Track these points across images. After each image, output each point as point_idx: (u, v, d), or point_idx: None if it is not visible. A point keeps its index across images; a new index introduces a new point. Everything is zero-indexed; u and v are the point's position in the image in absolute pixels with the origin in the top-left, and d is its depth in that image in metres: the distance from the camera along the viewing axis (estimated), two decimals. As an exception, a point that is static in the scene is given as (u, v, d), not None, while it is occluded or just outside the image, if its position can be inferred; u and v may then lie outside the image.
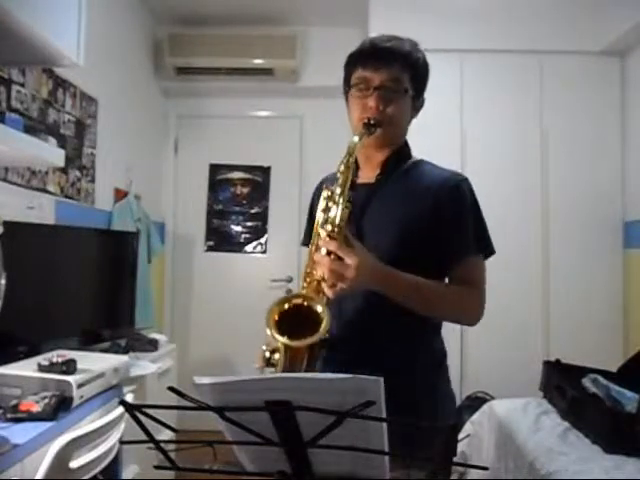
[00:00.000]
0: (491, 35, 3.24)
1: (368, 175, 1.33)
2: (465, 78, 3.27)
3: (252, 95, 4.09)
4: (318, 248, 1.15)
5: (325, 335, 1.06)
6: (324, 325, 1.06)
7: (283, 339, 1.07)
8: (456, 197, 1.26)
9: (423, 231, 1.24)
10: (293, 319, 1.10)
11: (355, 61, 1.31)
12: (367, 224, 1.27)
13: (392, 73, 1.26)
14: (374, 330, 1.24)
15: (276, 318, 1.10)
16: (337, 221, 1.15)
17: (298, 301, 1.13)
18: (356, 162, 1.31)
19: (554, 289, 3.21)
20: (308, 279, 1.17)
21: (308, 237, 1.36)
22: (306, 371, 1.10)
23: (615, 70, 3.27)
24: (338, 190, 1.19)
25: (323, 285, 1.12)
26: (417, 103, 1.34)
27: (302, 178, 4.04)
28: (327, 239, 1.13)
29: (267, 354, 1.19)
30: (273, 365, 1.18)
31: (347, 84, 1.34)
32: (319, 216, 1.21)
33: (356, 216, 1.24)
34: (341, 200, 1.17)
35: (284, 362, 1.11)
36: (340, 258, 1.09)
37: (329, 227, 1.15)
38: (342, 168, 1.21)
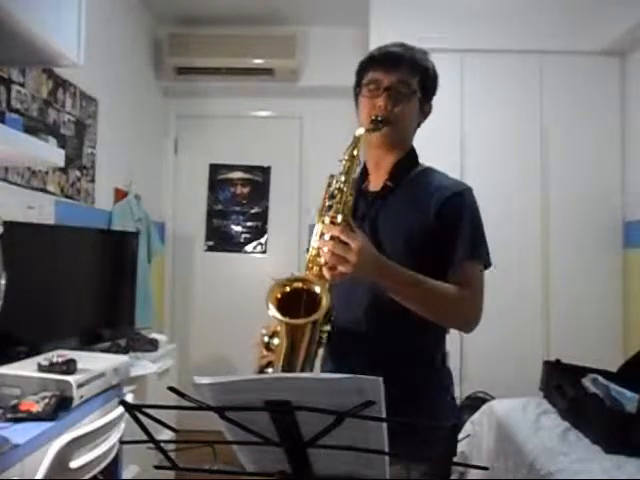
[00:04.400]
0: (491, 35, 3.24)
1: (378, 181, 1.36)
2: (465, 78, 3.27)
3: (252, 95, 4.09)
4: (322, 235, 1.15)
5: (325, 313, 1.07)
6: (324, 303, 1.07)
7: (284, 319, 1.08)
8: (456, 204, 1.28)
9: (426, 239, 1.26)
10: (293, 302, 1.11)
11: (366, 65, 1.35)
12: (374, 232, 1.28)
13: (401, 75, 1.30)
14: (375, 328, 1.25)
15: (278, 297, 1.10)
16: (340, 208, 1.17)
17: (298, 284, 1.13)
18: (366, 169, 1.37)
19: (554, 289, 3.21)
20: (310, 265, 1.18)
21: None
22: (307, 354, 1.10)
23: (615, 70, 3.27)
24: (342, 178, 1.21)
25: (324, 270, 1.13)
26: (425, 108, 1.37)
27: (302, 178, 4.04)
28: (330, 225, 1.14)
29: (266, 339, 1.18)
30: (272, 350, 1.17)
31: (358, 85, 1.37)
32: (324, 205, 1.22)
33: (367, 225, 1.28)
34: (345, 188, 1.20)
35: (284, 345, 1.10)
36: (343, 243, 1.10)
37: (332, 213, 1.17)
38: (346, 157, 1.23)
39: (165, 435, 1.70)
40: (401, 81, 1.30)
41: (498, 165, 3.25)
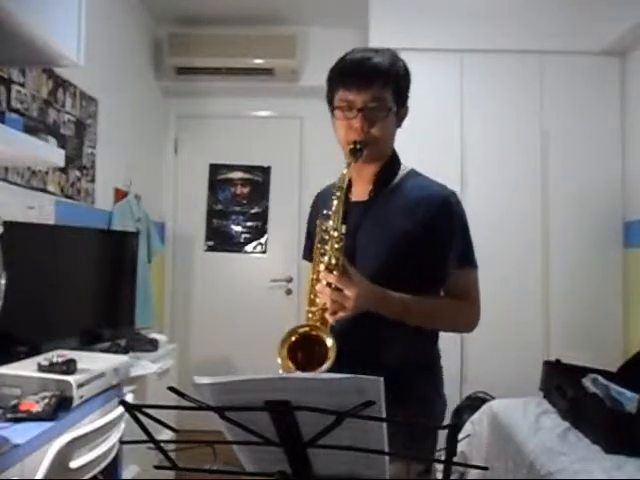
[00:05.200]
0: (491, 35, 3.24)
1: (361, 191, 1.36)
2: (465, 78, 3.27)
3: (252, 95, 4.08)
4: (319, 279, 1.21)
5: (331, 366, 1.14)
6: (331, 359, 1.14)
7: (292, 368, 1.16)
8: (445, 211, 1.30)
9: (413, 247, 1.28)
10: (303, 346, 1.19)
11: (337, 80, 1.32)
12: (360, 243, 1.30)
13: (374, 93, 1.27)
14: (374, 330, 1.26)
15: (286, 352, 1.18)
16: (334, 253, 1.20)
17: (306, 330, 1.20)
18: (349, 179, 1.35)
19: (554, 289, 3.21)
20: (313, 308, 1.22)
21: (308, 251, 1.39)
22: None
23: (615, 70, 3.26)
24: (331, 223, 1.23)
25: (326, 315, 1.19)
26: (401, 114, 1.36)
27: (302, 178, 4.04)
28: (326, 272, 1.19)
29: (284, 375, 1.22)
30: None
31: (330, 103, 1.35)
32: (317, 247, 1.26)
33: (350, 234, 1.27)
34: (335, 234, 1.22)
35: None
36: (340, 289, 1.16)
37: (326, 259, 1.21)
38: (335, 202, 1.24)
39: (165, 435, 1.71)
40: (374, 99, 1.27)
41: (498, 165, 3.25)
